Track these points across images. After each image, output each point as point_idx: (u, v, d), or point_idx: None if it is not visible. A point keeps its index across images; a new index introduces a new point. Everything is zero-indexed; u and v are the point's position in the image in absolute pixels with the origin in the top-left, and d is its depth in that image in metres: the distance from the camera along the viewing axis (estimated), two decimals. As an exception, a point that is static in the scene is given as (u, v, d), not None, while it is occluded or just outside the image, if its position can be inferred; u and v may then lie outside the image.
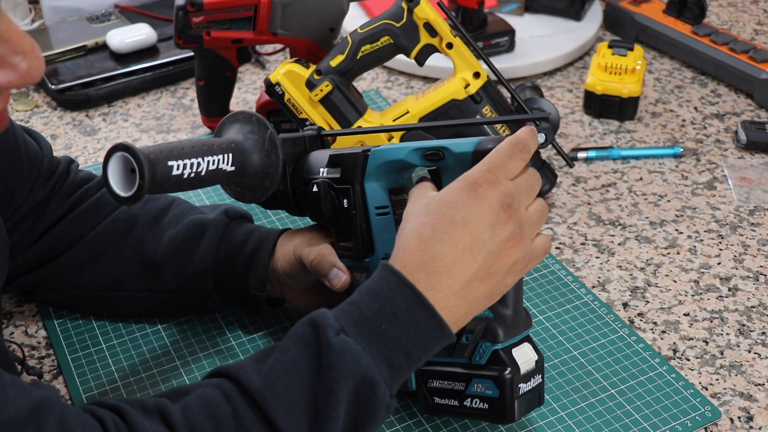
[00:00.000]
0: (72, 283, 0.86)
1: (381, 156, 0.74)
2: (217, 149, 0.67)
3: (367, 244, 0.75)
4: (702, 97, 1.26)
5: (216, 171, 0.66)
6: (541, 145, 0.99)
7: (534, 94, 1.06)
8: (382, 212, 0.75)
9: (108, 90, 1.25)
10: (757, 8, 1.48)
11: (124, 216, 0.86)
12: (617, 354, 0.85)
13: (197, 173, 0.65)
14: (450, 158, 0.71)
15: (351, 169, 0.75)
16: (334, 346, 0.62)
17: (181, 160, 0.63)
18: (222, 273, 0.83)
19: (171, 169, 0.63)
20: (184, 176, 0.64)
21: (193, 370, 0.84)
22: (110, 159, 0.62)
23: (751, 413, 0.80)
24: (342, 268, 0.77)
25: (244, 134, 0.71)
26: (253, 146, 0.70)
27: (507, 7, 1.40)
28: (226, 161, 0.67)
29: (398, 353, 0.63)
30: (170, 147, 0.64)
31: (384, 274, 0.65)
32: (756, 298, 0.93)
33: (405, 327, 0.63)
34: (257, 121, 0.71)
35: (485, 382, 0.70)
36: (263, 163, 0.70)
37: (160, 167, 0.62)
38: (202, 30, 1.06)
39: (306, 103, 0.99)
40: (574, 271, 0.96)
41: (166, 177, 0.62)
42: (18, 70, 0.52)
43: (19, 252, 0.85)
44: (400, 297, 0.64)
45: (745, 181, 1.09)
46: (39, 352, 0.87)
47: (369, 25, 0.98)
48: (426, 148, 0.72)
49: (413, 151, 0.72)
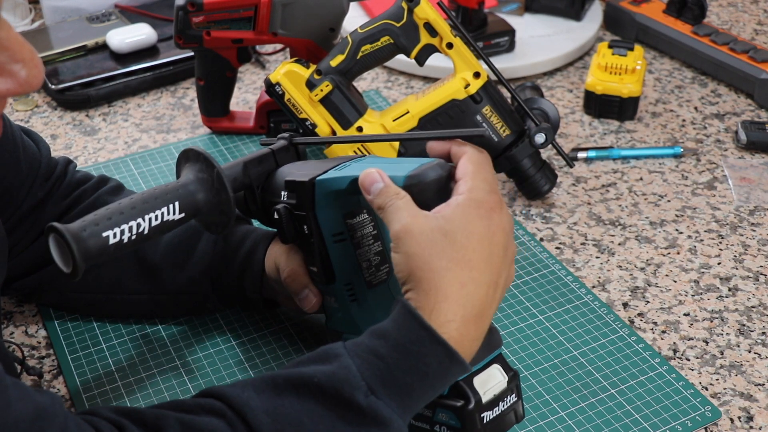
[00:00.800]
0: (70, 286, 0.86)
1: (326, 186, 0.71)
2: (160, 202, 0.66)
3: (328, 271, 0.73)
4: (702, 97, 1.26)
5: (162, 224, 0.66)
6: (541, 145, 1.00)
7: (534, 94, 1.06)
8: (338, 239, 0.73)
9: (108, 90, 1.25)
10: (757, 8, 1.48)
11: None
12: (617, 354, 0.85)
13: (139, 234, 0.65)
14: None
15: (302, 197, 0.72)
16: (366, 411, 0.59)
17: (117, 227, 0.63)
18: (219, 274, 0.83)
19: (107, 240, 0.63)
20: (125, 241, 0.64)
21: (193, 370, 0.84)
22: (49, 241, 0.63)
23: (751, 413, 0.80)
24: (313, 290, 0.76)
25: (194, 174, 0.70)
26: (201, 186, 0.69)
27: (507, 7, 1.40)
28: (172, 211, 0.67)
29: (422, 403, 0.63)
30: (108, 214, 0.64)
31: (413, 327, 0.61)
32: (756, 298, 0.93)
33: (435, 384, 0.62)
34: (204, 160, 0.70)
35: (447, 412, 0.68)
36: (214, 201, 0.70)
37: (93, 242, 0.62)
38: (202, 30, 1.06)
39: (306, 103, 0.99)
40: (574, 271, 0.96)
41: (102, 248, 0.63)
42: (17, 78, 0.52)
43: (17, 252, 0.85)
44: (433, 357, 0.61)
45: (745, 181, 1.09)
46: (39, 352, 0.87)
47: (369, 25, 0.98)
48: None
49: (353, 182, 0.69)
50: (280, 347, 0.86)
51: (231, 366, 0.84)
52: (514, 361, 0.84)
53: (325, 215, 0.72)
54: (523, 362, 0.84)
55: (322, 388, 0.60)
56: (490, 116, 0.99)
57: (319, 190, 0.71)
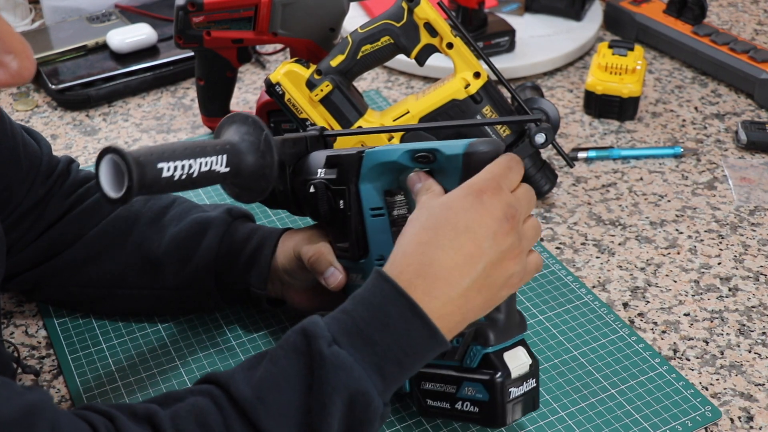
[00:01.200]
0: (73, 280, 0.86)
1: (375, 158, 0.73)
2: (210, 151, 0.67)
3: (361, 245, 0.75)
4: (702, 97, 1.26)
5: (209, 172, 0.67)
6: (541, 145, 1.00)
7: (534, 94, 1.06)
8: (376, 213, 0.75)
9: (108, 90, 1.25)
10: (757, 8, 1.48)
11: (126, 214, 0.86)
12: (617, 354, 0.85)
13: (189, 175, 0.65)
14: (441, 160, 0.70)
15: (346, 170, 0.75)
16: (327, 358, 0.61)
17: (171, 162, 0.64)
18: (223, 270, 0.84)
19: (161, 171, 0.63)
20: (175, 178, 0.64)
21: (193, 370, 0.84)
22: (101, 162, 0.62)
23: (752, 413, 0.80)
24: (338, 267, 0.77)
25: (240, 135, 0.71)
26: (249, 148, 0.70)
27: (507, 7, 1.40)
28: (220, 163, 0.67)
29: (391, 363, 0.63)
30: (162, 149, 0.64)
31: (377, 281, 0.64)
32: (756, 298, 0.93)
33: (398, 337, 0.63)
34: (253, 123, 0.71)
35: (475, 385, 0.69)
36: (258, 164, 0.70)
37: (149, 169, 0.62)
38: (202, 30, 1.06)
39: (306, 103, 0.99)
40: (575, 271, 0.96)
41: (155, 179, 0.63)
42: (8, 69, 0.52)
43: (19, 250, 0.85)
44: (393, 306, 0.63)
45: (745, 181, 1.09)
46: (39, 352, 0.87)
47: (369, 25, 0.98)
48: (416, 150, 0.71)
49: (405, 153, 0.72)
50: (280, 347, 0.86)
51: (231, 366, 0.84)
52: (514, 361, 0.85)
53: (367, 188, 0.74)
54: (523, 362, 0.85)
55: (294, 345, 0.63)
56: (490, 116, 0.99)
57: (367, 162, 0.74)
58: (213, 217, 0.85)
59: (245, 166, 0.70)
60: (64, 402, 0.82)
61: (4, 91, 1.28)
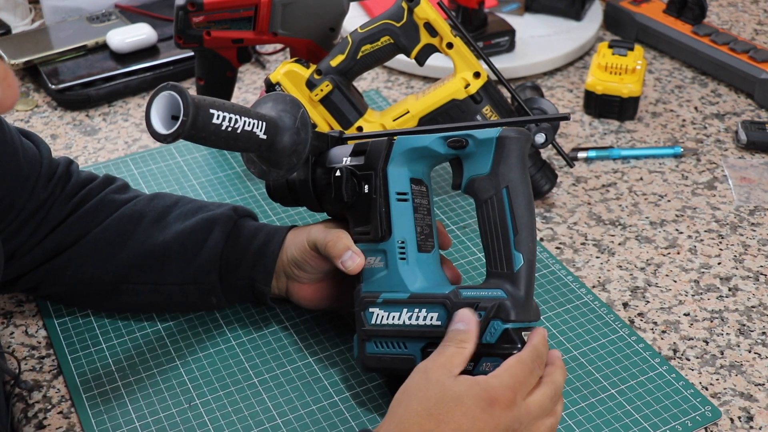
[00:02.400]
0: (76, 278, 0.86)
1: (406, 142, 0.76)
2: (253, 115, 0.70)
3: (385, 226, 0.77)
4: (702, 97, 1.26)
5: (250, 134, 0.69)
6: (541, 145, 1.00)
7: (534, 94, 1.06)
8: (401, 198, 0.77)
9: (108, 90, 1.25)
10: (757, 8, 1.48)
11: (130, 213, 0.86)
12: (617, 354, 0.85)
13: (233, 129, 0.67)
14: (473, 145, 0.74)
15: (376, 154, 0.77)
16: None
17: (222, 112, 0.66)
18: (228, 266, 0.84)
19: (212, 117, 0.66)
20: (222, 128, 0.67)
21: (193, 370, 0.84)
22: (156, 97, 0.65)
23: (752, 413, 0.80)
24: (357, 251, 0.78)
25: (277, 112, 0.73)
26: (285, 123, 0.73)
27: (507, 7, 1.40)
28: (259, 128, 0.70)
29: None
30: (213, 99, 0.67)
31: None
32: (756, 298, 0.93)
33: None
34: (291, 101, 0.74)
35: (494, 360, 0.70)
36: (293, 140, 0.73)
37: (202, 112, 0.65)
38: (202, 30, 1.06)
39: (306, 102, 0.99)
40: (575, 271, 0.96)
41: (206, 123, 0.65)
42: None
43: (22, 254, 0.85)
44: None
45: (745, 181, 1.09)
46: (39, 352, 0.87)
47: (369, 25, 0.98)
48: (449, 136, 0.74)
49: (438, 139, 0.75)
50: (280, 347, 0.86)
51: (231, 366, 0.84)
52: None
53: (394, 173, 0.77)
54: (523, 362, 0.84)
55: None
56: (490, 116, 0.99)
57: (398, 146, 0.77)
58: (219, 214, 0.86)
59: (280, 139, 0.72)
60: (64, 402, 0.82)
61: (4, 91, 1.28)
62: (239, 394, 0.82)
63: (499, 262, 0.72)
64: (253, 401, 0.81)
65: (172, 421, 0.79)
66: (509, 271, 0.71)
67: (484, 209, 0.73)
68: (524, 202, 0.72)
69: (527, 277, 0.71)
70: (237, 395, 0.82)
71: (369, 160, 0.77)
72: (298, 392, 0.82)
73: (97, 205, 0.86)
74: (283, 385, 0.82)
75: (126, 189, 0.90)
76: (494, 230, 0.73)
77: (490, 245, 0.73)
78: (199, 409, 0.80)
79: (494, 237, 0.72)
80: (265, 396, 0.81)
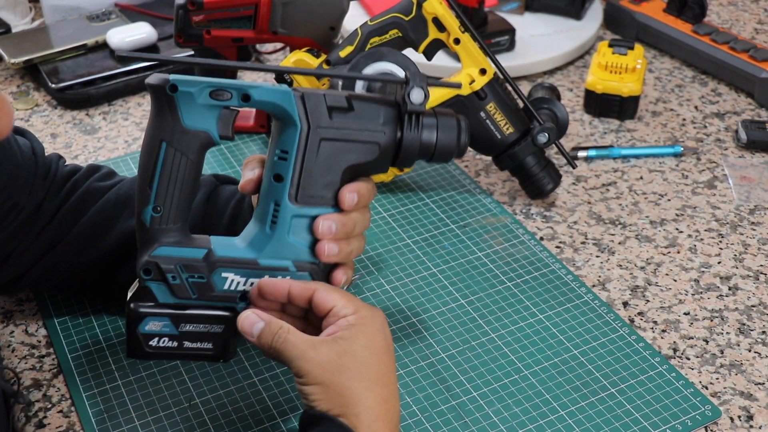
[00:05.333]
0: (71, 269, 0.86)
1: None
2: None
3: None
4: (702, 96, 1.26)
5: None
6: (544, 144, 1.00)
7: (548, 94, 1.05)
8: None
9: (108, 89, 1.25)
10: (757, 7, 1.48)
11: (114, 197, 0.86)
12: (617, 353, 0.85)
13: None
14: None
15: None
16: None
17: None
18: (211, 223, 0.84)
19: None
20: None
21: (193, 369, 0.84)
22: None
23: (751, 412, 0.80)
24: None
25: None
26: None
27: (507, 6, 1.40)
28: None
29: None
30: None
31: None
32: (756, 297, 0.93)
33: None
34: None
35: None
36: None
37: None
38: (202, 29, 1.06)
39: None
40: (575, 270, 0.96)
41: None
42: None
43: (19, 253, 0.85)
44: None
45: (745, 180, 1.09)
46: (39, 351, 0.87)
47: (378, 18, 0.99)
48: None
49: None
50: (280, 346, 0.86)
51: (231, 365, 0.84)
52: (513, 360, 0.85)
53: None
54: (524, 361, 0.84)
55: None
56: (494, 113, 0.99)
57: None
58: (200, 180, 0.85)
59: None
60: (64, 401, 0.82)
61: (4, 90, 1.28)
62: (239, 394, 0.82)
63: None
64: (253, 401, 0.81)
65: (172, 421, 0.79)
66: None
67: None
68: None
69: None
70: (237, 395, 0.82)
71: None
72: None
73: (84, 195, 0.86)
74: (283, 385, 0.82)
75: (111, 176, 0.90)
76: None
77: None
78: (199, 409, 0.80)
79: None
80: (266, 395, 0.81)
